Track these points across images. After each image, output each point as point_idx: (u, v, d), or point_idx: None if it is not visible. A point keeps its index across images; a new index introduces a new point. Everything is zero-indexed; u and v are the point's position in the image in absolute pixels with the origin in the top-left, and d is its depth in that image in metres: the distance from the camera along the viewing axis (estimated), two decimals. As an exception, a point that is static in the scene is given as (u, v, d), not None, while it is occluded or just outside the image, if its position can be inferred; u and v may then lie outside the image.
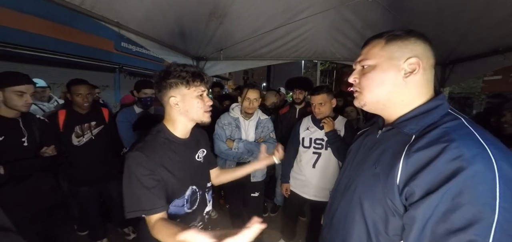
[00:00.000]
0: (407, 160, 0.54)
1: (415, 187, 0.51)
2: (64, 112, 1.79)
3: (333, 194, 0.87)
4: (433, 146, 0.51)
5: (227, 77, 18.95)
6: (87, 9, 1.59)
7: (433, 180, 0.48)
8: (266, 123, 1.85)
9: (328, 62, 12.44)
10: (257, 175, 1.88)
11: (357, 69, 0.68)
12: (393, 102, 0.62)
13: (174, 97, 0.84)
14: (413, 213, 0.51)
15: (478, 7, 1.74)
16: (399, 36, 0.60)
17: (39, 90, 2.67)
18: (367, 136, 0.78)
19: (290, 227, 2.18)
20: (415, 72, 0.58)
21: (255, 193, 1.93)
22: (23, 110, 1.33)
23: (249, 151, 1.73)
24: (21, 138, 1.36)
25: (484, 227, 0.42)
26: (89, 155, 1.85)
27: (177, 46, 2.81)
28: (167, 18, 2.17)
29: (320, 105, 1.66)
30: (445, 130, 0.52)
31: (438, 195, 0.47)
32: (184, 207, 0.90)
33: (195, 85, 0.84)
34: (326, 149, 1.69)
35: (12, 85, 1.26)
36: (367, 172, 0.66)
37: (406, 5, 2.00)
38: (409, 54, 0.58)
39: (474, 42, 2.13)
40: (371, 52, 0.63)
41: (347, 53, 3.09)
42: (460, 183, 0.45)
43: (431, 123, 0.56)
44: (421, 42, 0.59)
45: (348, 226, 0.69)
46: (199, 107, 0.86)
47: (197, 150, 1.00)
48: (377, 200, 0.60)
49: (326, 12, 2.22)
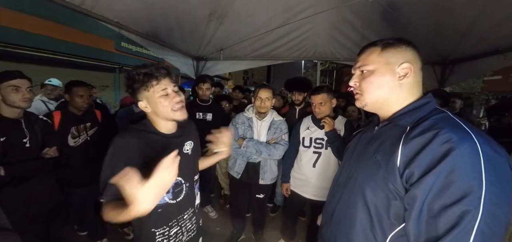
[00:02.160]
0: (405, 146, 0.61)
1: (414, 168, 0.57)
2: (59, 114, 1.77)
3: (332, 191, 0.90)
4: (427, 132, 0.58)
5: (227, 77, 18.95)
6: (87, 9, 1.60)
7: (429, 160, 0.55)
8: (279, 124, 1.81)
9: (328, 62, 12.43)
10: (266, 178, 1.85)
11: (357, 74, 0.76)
12: (389, 102, 0.71)
13: (141, 101, 0.83)
14: (414, 192, 0.57)
15: (478, 7, 1.74)
16: (392, 44, 0.69)
17: (50, 88, 2.69)
18: (363, 134, 0.84)
19: (290, 227, 2.18)
20: (408, 76, 0.67)
21: (261, 194, 1.92)
22: (23, 106, 1.32)
23: (257, 151, 1.72)
24: (22, 139, 1.35)
25: (474, 198, 0.49)
26: (85, 155, 1.84)
27: (177, 46, 2.81)
28: (167, 18, 2.17)
29: (320, 105, 1.66)
30: (435, 121, 0.60)
31: (434, 173, 0.53)
32: (165, 197, 0.88)
33: (152, 86, 0.80)
34: (326, 149, 1.69)
35: (5, 81, 1.27)
36: (367, 162, 0.72)
37: (406, 5, 2.00)
38: (402, 60, 0.67)
39: (474, 42, 2.13)
40: (369, 59, 0.71)
41: (347, 53, 3.09)
42: (452, 162, 0.52)
43: (422, 116, 0.65)
44: (411, 48, 0.68)
45: (350, 215, 0.74)
46: (165, 106, 0.82)
47: (184, 143, 0.98)
48: (379, 186, 0.66)
49: (326, 12, 2.22)
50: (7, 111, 1.31)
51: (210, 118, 2.31)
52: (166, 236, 0.90)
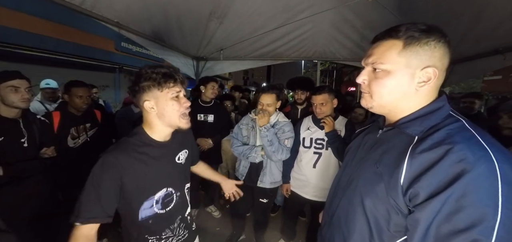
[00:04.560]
0: (411, 161, 0.53)
1: (420, 189, 0.50)
2: (59, 114, 1.75)
3: (333, 192, 0.85)
4: (437, 148, 0.50)
5: (227, 77, 18.94)
6: (87, 9, 1.60)
7: (438, 182, 0.48)
8: (283, 125, 1.73)
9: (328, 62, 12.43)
10: (265, 181, 1.80)
11: (367, 70, 0.63)
12: (400, 107, 0.61)
13: (148, 101, 0.81)
14: (417, 215, 0.51)
15: (478, 7, 1.74)
16: (419, 39, 0.54)
17: (49, 91, 2.64)
18: (366, 134, 0.77)
19: (290, 227, 2.18)
20: (429, 82, 0.56)
21: (264, 199, 1.88)
22: (22, 106, 1.32)
23: (269, 140, 1.63)
24: (21, 139, 1.35)
25: (487, 227, 0.43)
26: (85, 156, 1.83)
27: (177, 46, 2.81)
28: (167, 18, 2.17)
29: (321, 105, 1.65)
30: (448, 132, 0.52)
31: (442, 198, 0.47)
32: (154, 208, 0.87)
33: (168, 87, 0.80)
34: (326, 149, 1.69)
35: (4, 81, 1.26)
36: (368, 170, 0.65)
37: (406, 5, 2.00)
38: (427, 63, 0.54)
39: (474, 42, 2.13)
40: (387, 55, 0.58)
41: (347, 53, 3.09)
42: (464, 186, 0.45)
43: (433, 124, 0.56)
44: (441, 45, 0.54)
45: (349, 223, 0.69)
46: (174, 110, 0.82)
47: (178, 152, 0.96)
48: (379, 199, 0.60)
49: (326, 12, 2.22)
50: (5, 111, 1.30)
51: (211, 120, 2.30)
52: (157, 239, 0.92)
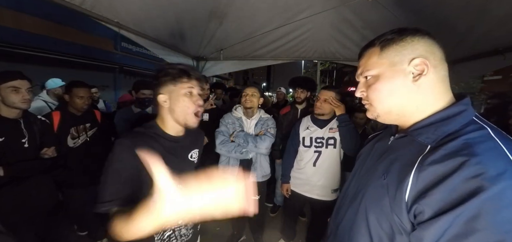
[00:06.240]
0: (419, 173, 0.47)
1: (425, 206, 0.44)
2: (59, 114, 1.76)
3: (340, 201, 0.82)
4: (450, 159, 0.44)
5: (227, 77, 18.95)
6: (87, 9, 1.59)
7: (446, 199, 0.42)
8: (266, 120, 1.90)
9: (328, 62, 12.44)
10: (257, 175, 1.86)
11: (362, 82, 0.63)
12: (407, 110, 0.57)
13: (163, 94, 0.83)
14: (420, 234, 0.45)
15: (478, 7, 1.74)
16: (393, 39, 0.55)
17: (58, 91, 2.60)
18: (378, 141, 0.73)
19: (290, 227, 2.18)
20: (425, 73, 0.52)
21: (256, 196, 1.91)
22: (22, 107, 1.32)
23: (244, 141, 1.76)
24: (21, 139, 1.35)
25: None
26: (85, 156, 1.84)
27: (177, 46, 2.81)
28: (167, 18, 2.17)
29: (324, 101, 1.68)
30: (467, 142, 0.45)
31: (449, 217, 0.41)
32: None
33: (181, 82, 0.82)
34: (326, 147, 1.70)
35: (5, 82, 1.26)
36: (376, 182, 0.61)
37: (406, 5, 2.00)
38: (412, 55, 0.53)
39: (474, 42, 2.13)
40: (370, 62, 0.59)
41: (347, 53, 3.09)
42: (478, 206, 0.38)
43: (451, 132, 0.49)
44: (420, 38, 0.53)
45: (352, 239, 0.66)
46: (185, 106, 0.83)
47: (190, 150, 0.97)
48: (384, 215, 0.55)
49: (326, 12, 2.22)
50: (6, 112, 1.30)
51: (206, 118, 2.32)
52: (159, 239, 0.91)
